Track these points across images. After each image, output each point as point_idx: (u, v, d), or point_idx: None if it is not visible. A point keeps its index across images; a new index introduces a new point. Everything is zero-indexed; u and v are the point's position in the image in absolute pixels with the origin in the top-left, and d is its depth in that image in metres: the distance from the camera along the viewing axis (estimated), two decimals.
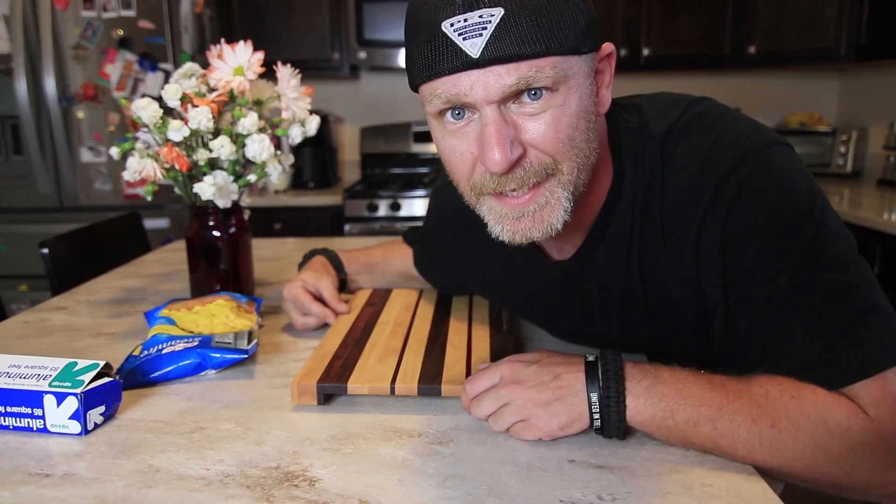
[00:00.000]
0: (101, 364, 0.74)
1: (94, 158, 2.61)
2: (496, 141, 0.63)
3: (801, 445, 0.61)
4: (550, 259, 0.84)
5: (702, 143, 0.70)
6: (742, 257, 0.66)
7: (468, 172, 0.68)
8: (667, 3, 2.98)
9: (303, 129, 1.12)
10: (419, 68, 0.65)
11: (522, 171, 0.65)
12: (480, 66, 0.61)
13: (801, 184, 0.67)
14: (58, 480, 0.63)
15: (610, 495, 0.60)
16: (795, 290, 0.64)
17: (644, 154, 0.73)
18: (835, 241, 0.66)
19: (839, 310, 0.63)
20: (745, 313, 0.67)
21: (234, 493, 0.61)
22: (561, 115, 0.64)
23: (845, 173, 2.94)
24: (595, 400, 0.67)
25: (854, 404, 0.61)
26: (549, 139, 0.64)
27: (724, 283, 0.68)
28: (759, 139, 0.68)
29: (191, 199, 1.11)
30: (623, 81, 3.09)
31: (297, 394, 0.78)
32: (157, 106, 1.04)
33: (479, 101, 0.63)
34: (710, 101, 0.75)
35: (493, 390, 0.72)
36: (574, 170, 0.67)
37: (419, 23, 0.64)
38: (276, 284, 1.33)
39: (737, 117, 0.72)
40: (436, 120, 0.68)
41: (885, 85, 2.95)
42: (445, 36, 0.61)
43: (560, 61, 0.62)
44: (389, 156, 3.34)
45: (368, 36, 2.96)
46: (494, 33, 0.60)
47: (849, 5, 2.70)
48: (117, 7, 2.50)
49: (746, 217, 0.66)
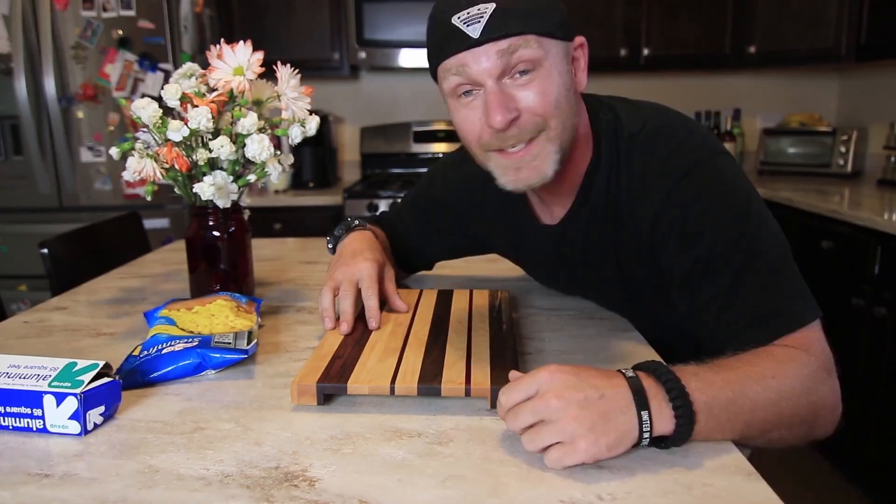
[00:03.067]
0: (100, 364, 0.74)
1: (93, 158, 2.61)
2: (497, 104, 0.81)
3: (791, 382, 0.72)
4: (543, 223, 1.03)
5: (663, 147, 0.87)
6: (695, 242, 0.83)
7: (478, 134, 0.86)
8: (667, 3, 2.98)
9: (303, 129, 1.11)
10: (436, 53, 0.85)
11: (517, 129, 0.83)
12: (480, 44, 0.80)
13: (740, 184, 0.85)
14: (57, 481, 0.63)
15: (610, 495, 0.60)
16: (742, 264, 0.80)
17: (617, 144, 0.91)
18: (766, 227, 0.83)
19: (776, 279, 0.80)
20: (699, 288, 0.83)
21: (234, 494, 0.61)
22: (546, 84, 0.83)
23: (845, 173, 2.94)
24: (646, 418, 0.64)
25: (793, 347, 0.76)
26: (539, 102, 0.83)
27: (680, 261, 0.85)
28: (709, 149, 0.86)
29: (191, 199, 1.11)
30: (623, 81, 3.10)
31: (296, 394, 0.78)
32: (156, 106, 1.04)
33: (482, 74, 0.81)
34: (671, 113, 0.93)
35: (530, 402, 0.65)
36: (559, 126, 0.85)
37: (436, 24, 0.84)
38: (276, 284, 1.33)
39: (690, 130, 0.89)
40: (452, 98, 0.87)
41: (885, 85, 2.95)
42: (454, 26, 0.81)
43: (540, 39, 0.81)
44: (389, 156, 3.34)
45: (368, 36, 2.96)
46: (489, 20, 0.80)
47: (849, 5, 2.70)
48: (117, 7, 2.50)
49: (698, 210, 0.83)
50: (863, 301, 2.12)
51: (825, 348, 0.78)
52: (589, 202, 0.95)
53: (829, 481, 2.28)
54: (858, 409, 2.14)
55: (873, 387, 2.09)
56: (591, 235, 0.97)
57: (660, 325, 1.02)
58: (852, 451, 2.19)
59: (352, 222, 1.16)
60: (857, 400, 2.14)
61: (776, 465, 2.63)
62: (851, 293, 2.16)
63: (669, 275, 0.88)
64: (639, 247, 0.92)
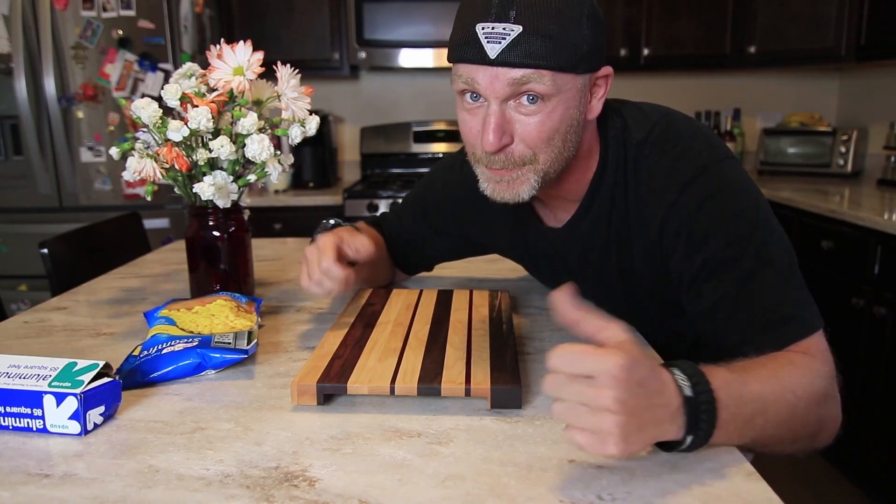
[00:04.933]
0: (100, 364, 0.74)
1: (93, 158, 2.61)
2: (493, 128, 0.81)
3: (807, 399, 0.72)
4: (547, 226, 1.03)
5: (671, 153, 0.87)
6: (702, 246, 0.83)
7: (473, 141, 0.87)
8: (667, 3, 2.98)
9: (303, 129, 1.11)
10: (454, 50, 0.84)
11: (505, 157, 0.84)
12: (494, 65, 0.79)
13: (746, 189, 0.86)
14: (57, 481, 0.63)
15: (610, 495, 0.60)
16: (751, 267, 0.80)
17: (625, 151, 0.91)
18: (773, 233, 0.83)
19: (786, 286, 0.81)
20: (708, 290, 0.83)
21: (234, 494, 0.61)
22: (547, 119, 0.82)
23: (845, 173, 2.94)
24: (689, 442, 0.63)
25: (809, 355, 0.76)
26: (533, 136, 0.82)
27: (688, 264, 0.85)
28: (715, 155, 0.87)
29: (191, 199, 1.11)
30: (623, 81, 3.09)
31: (296, 394, 0.78)
32: (156, 106, 1.04)
33: (488, 93, 0.81)
34: (678, 117, 0.92)
35: (583, 385, 0.58)
36: (548, 162, 0.85)
37: (464, 15, 0.82)
38: (276, 284, 1.33)
39: (696, 135, 0.89)
40: (459, 96, 0.87)
41: (885, 85, 2.95)
42: (476, 35, 0.79)
43: (557, 76, 0.79)
44: (389, 156, 3.34)
45: (368, 36, 2.96)
46: (510, 44, 0.77)
47: (849, 5, 2.70)
48: (117, 7, 2.50)
49: (704, 216, 0.84)
50: (863, 301, 2.12)
51: (831, 358, 0.78)
52: (594, 208, 0.95)
53: (829, 481, 2.28)
54: (858, 410, 2.14)
55: (873, 387, 2.09)
56: (595, 241, 0.97)
57: (657, 330, 1.01)
58: (853, 452, 2.19)
59: (327, 223, 1.13)
60: (857, 400, 2.14)
61: (776, 465, 2.62)
62: (851, 293, 2.16)
63: (678, 279, 0.88)
64: (645, 252, 0.91)
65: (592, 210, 0.95)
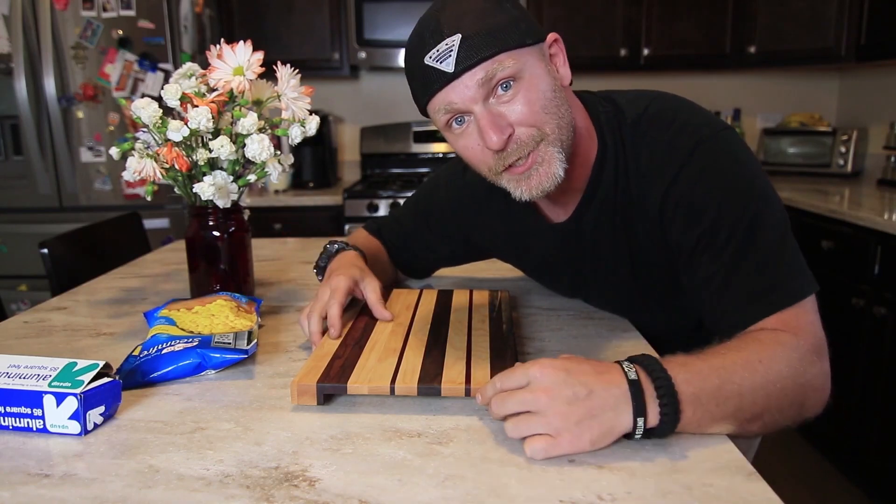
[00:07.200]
0: (100, 364, 0.74)
1: (93, 158, 2.61)
2: (489, 126, 0.82)
3: (778, 365, 0.72)
4: (552, 222, 1.02)
5: (667, 129, 0.88)
6: (700, 218, 0.84)
7: (482, 159, 0.87)
8: (667, 3, 2.98)
9: (303, 129, 1.11)
10: (421, 97, 0.86)
11: (516, 144, 0.84)
12: (457, 76, 0.81)
13: (744, 159, 0.86)
14: (57, 481, 0.63)
15: (610, 495, 0.60)
16: (744, 239, 0.81)
17: (621, 133, 0.92)
18: (769, 201, 0.84)
19: (776, 255, 0.82)
20: (704, 261, 0.84)
21: (234, 494, 0.61)
22: (529, 93, 0.83)
23: (845, 173, 2.94)
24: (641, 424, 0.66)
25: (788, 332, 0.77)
26: (527, 113, 0.83)
27: (686, 238, 0.86)
28: (711, 127, 0.87)
29: (191, 199, 1.11)
30: (623, 81, 3.09)
31: (296, 394, 0.78)
32: (156, 106, 1.04)
33: (467, 103, 0.82)
34: (669, 96, 0.93)
35: (520, 392, 0.67)
36: (556, 129, 0.85)
37: (412, 67, 0.86)
38: (276, 284, 1.33)
39: (692, 110, 0.90)
40: (447, 131, 0.88)
41: (885, 85, 2.95)
42: (429, 66, 0.82)
43: (513, 55, 0.81)
44: (389, 156, 3.34)
45: (368, 36, 2.96)
46: (459, 52, 0.80)
47: (849, 5, 2.70)
48: (117, 7, 2.51)
49: (703, 187, 0.84)
50: (863, 301, 2.12)
51: (817, 331, 0.79)
52: (598, 195, 0.95)
53: (829, 481, 2.28)
54: (858, 409, 2.14)
55: (873, 387, 2.09)
56: (602, 228, 0.97)
57: (673, 319, 1.02)
58: (852, 451, 2.19)
59: (332, 248, 1.12)
60: (858, 400, 2.14)
61: (776, 465, 2.63)
62: (851, 293, 2.16)
63: (678, 253, 0.89)
64: (649, 231, 0.92)
65: (597, 197, 0.95)
